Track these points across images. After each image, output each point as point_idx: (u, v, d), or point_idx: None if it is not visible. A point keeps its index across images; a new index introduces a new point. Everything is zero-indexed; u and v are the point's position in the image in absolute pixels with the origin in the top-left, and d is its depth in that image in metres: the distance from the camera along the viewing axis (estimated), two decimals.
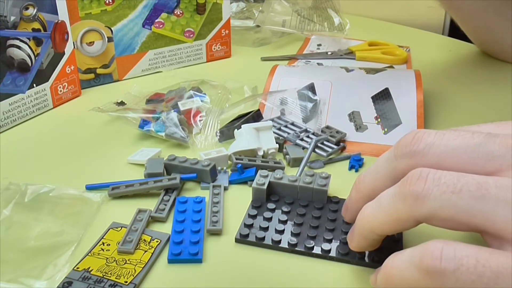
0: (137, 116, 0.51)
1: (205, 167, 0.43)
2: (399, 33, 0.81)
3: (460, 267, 0.24)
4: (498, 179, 0.25)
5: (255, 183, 0.41)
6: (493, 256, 0.24)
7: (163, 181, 0.42)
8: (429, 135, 0.28)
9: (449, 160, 0.27)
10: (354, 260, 0.35)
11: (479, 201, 0.25)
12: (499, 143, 0.26)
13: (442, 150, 0.27)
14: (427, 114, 0.54)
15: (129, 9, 0.62)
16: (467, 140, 0.27)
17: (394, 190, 0.28)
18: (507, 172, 0.25)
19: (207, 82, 0.59)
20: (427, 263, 0.24)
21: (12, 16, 0.51)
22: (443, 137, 0.28)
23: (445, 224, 0.26)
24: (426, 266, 0.25)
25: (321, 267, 0.35)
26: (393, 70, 0.64)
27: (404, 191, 0.27)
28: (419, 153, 0.28)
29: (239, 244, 0.37)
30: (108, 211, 0.41)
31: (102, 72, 0.63)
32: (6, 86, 0.52)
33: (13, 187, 0.42)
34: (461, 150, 0.27)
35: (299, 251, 0.36)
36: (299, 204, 0.40)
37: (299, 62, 0.69)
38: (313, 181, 0.40)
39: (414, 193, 0.26)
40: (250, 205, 0.40)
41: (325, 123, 0.51)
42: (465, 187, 0.25)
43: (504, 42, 0.66)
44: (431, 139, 0.28)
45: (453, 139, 0.27)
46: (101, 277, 0.34)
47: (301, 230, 0.37)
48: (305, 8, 0.78)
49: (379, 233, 0.30)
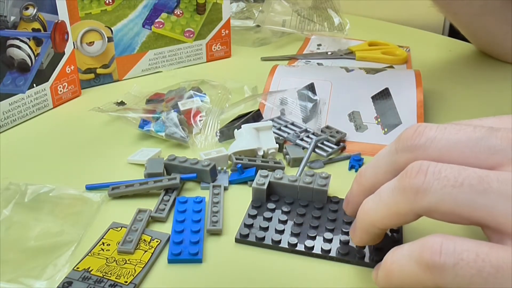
0: (137, 116, 0.51)
1: (205, 167, 0.43)
2: (399, 33, 0.81)
3: (460, 261, 0.24)
4: (500, 173, 0.25)
5: (255, 183, 0.41)
6: (493, 250, 0.24)
7: (163, 181, 0.42)
8: (430, 129, 0.28)
9: (451, 154, 0.27)
10: (354, 260, 0.35)
11: (481, 195, 0.25)
12: (500, 137, 0.26)
13: (444, 144, 0.27)
14: (427, 114, 0.54)
15: (129, 9, 0.62)
16: (468, 134, 0.27)
17: (394, 184, 0.28)
18: (508, 166, 0.25)
19: (207, 82, 0.59)
20: (427, 258, 0.24)
21: (12, 16, 0.51)
22: (444, 131, 0.28)
23: (446, 218, 0.26)
24: (426, 260, 0.24)
25: (321, 267, 0.35)
26: (393, 70, 0.64)
27: (404, 185, 0.27)
28: (420, 147, 0.28)
29: (239, 244, 0.37)
30: (108, 211, 0.41)
31: (102, 72, 0.63)
32: (6, 86, 0.52)
33: (13, 187, 0.42)
34: (463, 144, 0.27)
35: (299, 251, 0.36)
36: (299, 204, 0.40)
37: (299, 62, 0.69)
38: (313, 181, 0.40)
39: (414, 187, 0.26)
40: (250, 205, 0.40)
41: (325, 123, 0.51)
42: (467, 181, 0.25)
43: (504, 43, 0.66)
44: (433, 133, 0.28)
45: (455, 133, 0.27)
46: (101, 277, 0.34)
47: (301, 230, 0.37)
48: (305, 8, 0.78)
49: (380, 227, 0.30)
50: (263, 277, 0.35)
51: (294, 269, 0.35)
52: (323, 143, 0.48)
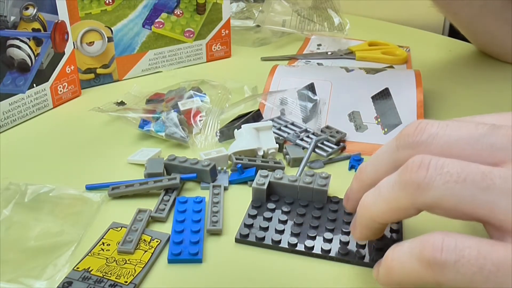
0: (137, 116, 0.51)
1: (205, 167, 0.43)
2: (399, 33, 0.81)
3: (461, 258, 0.23)
4: (502, 170, 0.25)
5: (255, 183, 0.41)
6: (494, 248, 0.23)
7: (163, 181, 0.42)
8: (432, 125, 0.28)
9: (452, 151, 0.27)
10: (354, 260, 0.35)
11: (484, 192, 0.24)
12: (502, 135, 0.26)
13: (446, 140, 0.27)
14: (427, 114, 0.54)
15: (129, 9, 0.62)
16: (470, 131, 0.27)
17: (394, 178, 0.28)
18: (509, 164, 0.25)
19: (207, 82, 0.59)
20: (428, 254, 0.24)
21: (12, 16, 0.51)
22: (446, 128, 0.27)
23: (447, 214, 0.26)
24: (427, 257, 0.24)
25: (321, 267, 0.35)
26: (393, 70, 0.64)
27: (405, 179, 0.26)
28: (422, 143, 0.27)
29: (239, 244, 0.37)
30: (108, 211, 0.41)
31: (102, 72, 0.63)
32: (6, 86, 0.52)
33: (13, 187, 0.42)
34: (464, 141, 0.27)
35: (299, 251, 0.36)
36: (299, 204, 0.40)
37: (299, 62, 0.69)
38: (313, 181, 0.40)
39: (416, 181, 0.26)
40: (250, 205, 0.40)
41: (325, 123, 0.51)
42: (470, 177, 0.25)
43: (504, 44, 0.66)
44: (435, 130, 0.27)
45: (457, 129, 0.27)
46: (101, 277, 0.34)
47: (301, 230, 0.37)
48: (305, 8, 0.78)
49: (381, 222, 0.30)
50: (263, 277, 0.35)
51: (294, 269, 0.35)
52: (323, 143, 0.48)
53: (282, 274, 0.35)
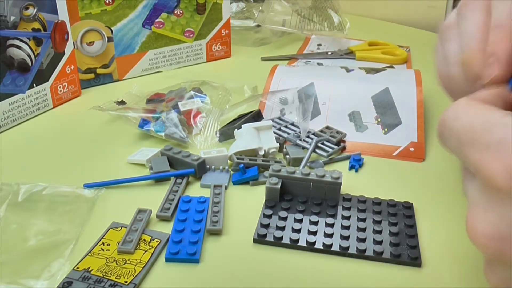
0: (137, 115, 0.51)
1: (194, 161, 0.44)
2: (399, 33, 0.81)
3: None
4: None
5: (268, 182, 0.41)
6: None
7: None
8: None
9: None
10: (373, 257, 0.36)
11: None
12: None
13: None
14: (427, 114, 0.54)
15: (129, 9, 0.62)
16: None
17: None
18: None
19: (208, 83, 0.59)
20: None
21: (12, 16, 0.51)
22: None
23: None
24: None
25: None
26: (393, 70, 0.64)
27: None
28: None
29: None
30: (108, 211, 0.41)
31: (102, 72, 0.63)
32: (6, 86, 0.52)
33: (5, 187, 0.41)
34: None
35: (317, 249, 0.36)
36: (312, 203, 0.40)
37: (299, 62, 0.69)
38: (326, 175, 0.40)
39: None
40: (264, 205, 0.40)
41: (325, 123, 0.51)
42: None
43: None
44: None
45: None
46: (101, 277, 0.34)
47: (318, 228, 0.38)
48: (305, 8, 0.77)
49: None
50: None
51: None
52: (323, 143, 0.48)
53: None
